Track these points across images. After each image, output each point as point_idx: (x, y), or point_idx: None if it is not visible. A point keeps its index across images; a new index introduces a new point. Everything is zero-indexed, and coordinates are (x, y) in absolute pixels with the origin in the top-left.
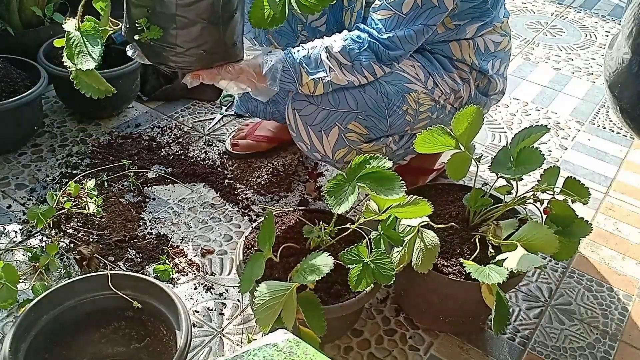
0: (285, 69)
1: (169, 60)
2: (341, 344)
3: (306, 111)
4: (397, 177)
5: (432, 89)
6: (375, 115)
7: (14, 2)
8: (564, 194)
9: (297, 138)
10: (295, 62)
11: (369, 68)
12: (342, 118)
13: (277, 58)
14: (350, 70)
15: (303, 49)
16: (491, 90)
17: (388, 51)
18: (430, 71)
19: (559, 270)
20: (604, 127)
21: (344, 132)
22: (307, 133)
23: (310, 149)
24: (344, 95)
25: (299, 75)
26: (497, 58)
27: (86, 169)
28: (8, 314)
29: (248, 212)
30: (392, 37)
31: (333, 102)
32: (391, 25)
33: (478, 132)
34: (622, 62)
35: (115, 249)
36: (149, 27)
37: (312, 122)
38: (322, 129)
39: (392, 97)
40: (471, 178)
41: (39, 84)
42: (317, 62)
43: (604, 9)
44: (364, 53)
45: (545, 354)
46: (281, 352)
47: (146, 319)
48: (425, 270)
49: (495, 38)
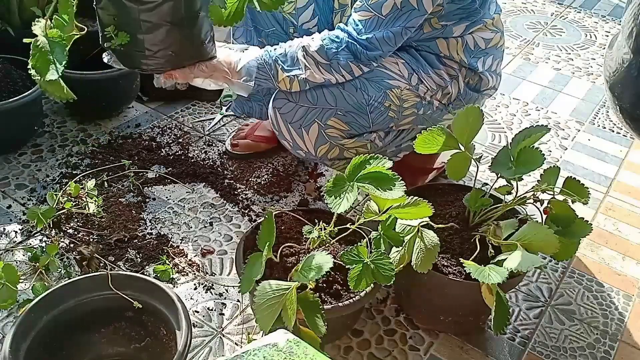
0: (261, 66)
1: (140, 64)
2: (341, 344)
3: (285, 109)
4: (397, 177)
5: (416, 85)
6: (355, 111)
7: (14, 2)
8: (564, 194)
9: (280, 136)
10: (271, 59)
11: (347, 67)
12: (320, 114)
13: (253, 55)
14: (328, 69)
15: (280, 47)
16: (483, 87)
17: (366, 51)
18: (414, 68)
19: (559, 270)
20: (604, 127)
21: (324, 129)
22: (287, 130)
23: (293, 146)
24: (322, 92)
25: (275, 72)
26: (488, 55)
27: (86, 169)
28: (8, 314)
29: (248, 212)
30: (371, 38)
31: (311, 99)
32: (370, 27)
33: (478, 132)
34: (622, 63)
35: (115, 249)
36: (116, 33)
37: (291, 119)
38: (302, 126)
39: (373, 93)
40: (471, 178)
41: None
42: (293, 60)
43: (604, 9)
44: (341, 53)
45: (545, 354)
46: (281, 352)
47: (146, 319)
48: (425, 270)
49: (486, 35)
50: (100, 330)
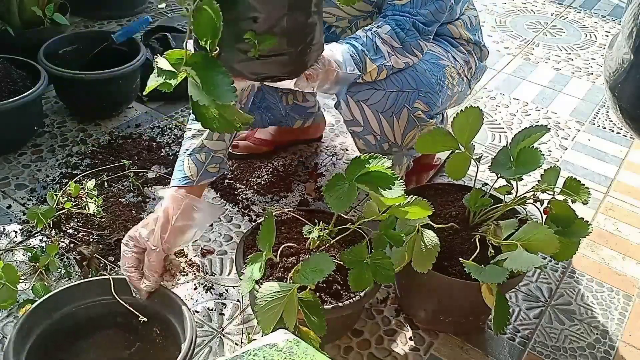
0: (354, 57)
1: (279, 70)
2: (341, 344)
3: (374, 98)
4: (396, 177)
5: (454, 62)
6: (431, 90)
7: (14, 2)
8: (564, 194)
9: (363, 132)
10: (358, 50)
11: (417, 47)
12: (408, 98)
13: (343, 48)
14: (402, 52)
15: (355, 38)
16: (483, 58)
17: (426, 27)
18: (445, 48)
19: (559, 270)
20: (604, 127)
21: (412, 112)
22: (378, 121)
23: (380, 139)
24: (404, 76)
25: (364, 63)
26: (478, 30)
27: (86, 169)
28: (8, 314)
29: (248, 212)
30: (426, 13)
31: (397, 84)
32: (417, 4)
33: (478, 132)
34: (622, 63)
35: (115, 249)
36: (258, 39)
37: (383, 108)
38: (394, 113)
39: (437, 72)
40: (471, 178)
41: (39, 84)
42: (375, 49)
43: (604, 9)
44: (409, 33)
45: (545, 354)
46: (281, 352)
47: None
48: (425, 270)
49: (473, 13)
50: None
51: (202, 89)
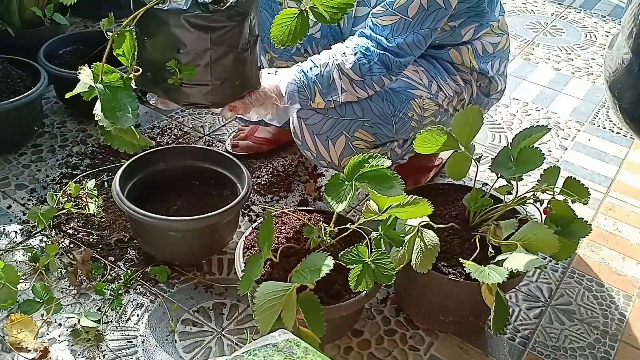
0: (301, 89)
1: (202, 99)
2: (341, 344)
3: (313, 120)
4: (396, 176)
5: (436, 93)
6: (381, 122)
7: (14, 2)
8: (564, 194)
9: (302, 146)
10: (310, 81)
11: (379, 82)
12: (349, 126)
13: (289, 77)
14: (362, 85)
15: (315, 66)
16: (492, 90)
17: (398, 59)
18: (433, 75)
19: (559, 270)
20: (604, 127)
21: (351, 140)
22: (313, 142)
23: (316, 157)
24: (351, 104)
25: (313, 95)
26: (496, 58)
27: (86, 169)
28: (8, 314)
29: (248, 212)
30: (401, 44)
31: (340, 111)
32: (398, 31)
33: (478, 132)
34: (622, 62)
35: (115, 249)
36: (179, 68)
37: (318, 131)
38: (329, 138)
39: (398, 104)
40: (471, 178)
41: (39, 84)
42: (329, 82)
43: (604, 9)
44: (374, 67)
45: (545, 354)
46: (281, 352)
47: (221, 185)
48: (425, 270)
49: (493, 39)
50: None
51: (103, 110)
